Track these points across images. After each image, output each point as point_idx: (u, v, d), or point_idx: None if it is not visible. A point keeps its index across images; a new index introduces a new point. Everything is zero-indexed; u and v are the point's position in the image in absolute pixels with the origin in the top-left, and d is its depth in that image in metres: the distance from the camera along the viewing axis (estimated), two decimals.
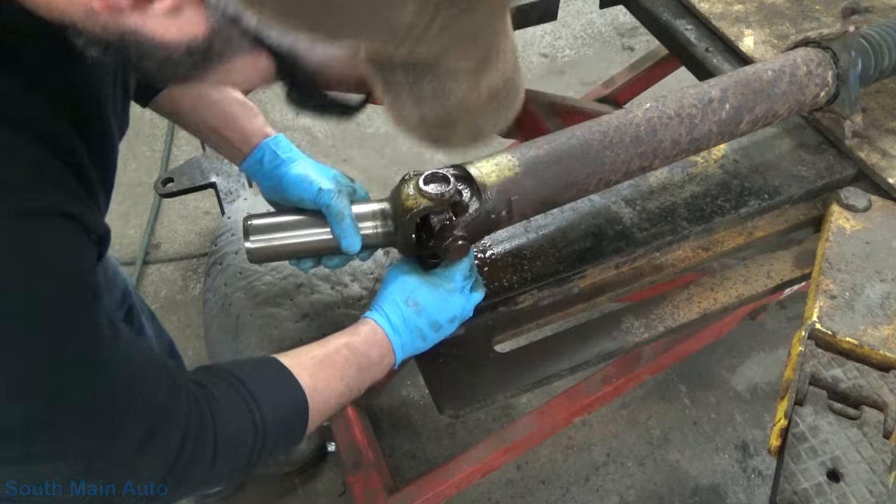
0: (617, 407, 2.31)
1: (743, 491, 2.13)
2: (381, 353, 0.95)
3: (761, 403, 2.32)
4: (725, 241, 1.29)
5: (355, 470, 1.83)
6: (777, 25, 1.59)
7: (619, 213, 1.22)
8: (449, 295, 0.99)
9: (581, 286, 1.20)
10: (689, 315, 1.21)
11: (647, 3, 1.71)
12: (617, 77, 2.46)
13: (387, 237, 0.99)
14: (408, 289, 0.98)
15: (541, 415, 1.85)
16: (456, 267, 1.00)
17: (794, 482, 0.90)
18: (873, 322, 1.06)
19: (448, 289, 0.99)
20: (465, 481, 1.81)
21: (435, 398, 1.07)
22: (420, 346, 0.99)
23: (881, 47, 1.26)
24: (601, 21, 3.87)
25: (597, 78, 3.43)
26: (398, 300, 0.97)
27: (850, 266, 1.13)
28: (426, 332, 0.98)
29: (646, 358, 1.94)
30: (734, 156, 1.33)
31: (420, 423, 2.26)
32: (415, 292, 0.97)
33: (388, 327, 0.96)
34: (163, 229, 2.82)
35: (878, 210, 1.23)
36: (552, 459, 2.18)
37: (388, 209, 0.98)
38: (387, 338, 0.95)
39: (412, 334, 0.97)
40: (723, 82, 1.15)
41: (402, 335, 0.96)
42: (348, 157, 3.13)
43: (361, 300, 1.08)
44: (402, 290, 0.98)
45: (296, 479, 2.12)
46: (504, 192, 0.99)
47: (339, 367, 0.90)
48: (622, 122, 1.08)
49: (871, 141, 1.33)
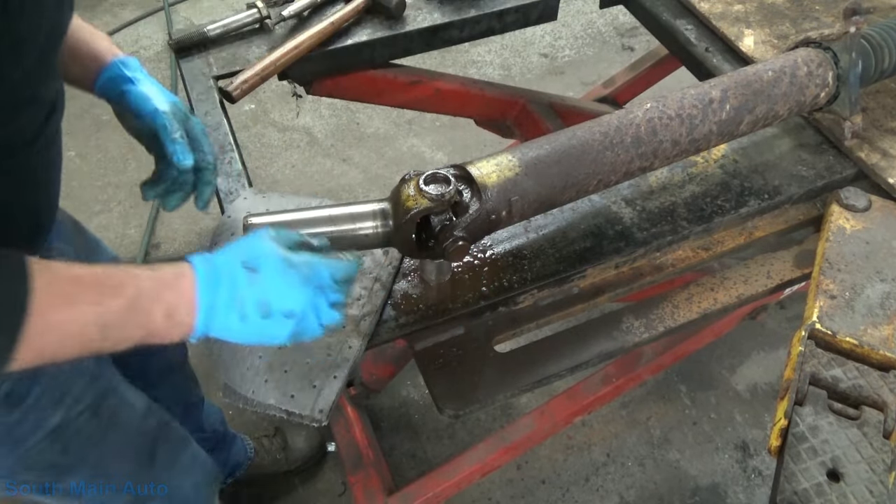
0: (617, 407, 2.31)
1: (743, 491, 2.13)
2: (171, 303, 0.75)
3: (761, 403, 2.33)
4: (725, 241, 1.29)
5: (355, 470, 1.83)
6: (777, 25, 1.59)
7: (619, 212, 1.22)
8: (299, 283, 0.80)
9: (581, 286, 1.20)
10: (689, 315, 1.21)
11: (647, 3, 1.72)
12: (617, 77, 2.46)
13: (387, 237, 0.99)
14: (255, 251, 0.80)
15: (541, 415, 1.85)
16: (330, 261, 0.84)
17: (794, 482, 0.90)
18: (873, 322, 1.06)
19: (303, 275, 0.80)
20: (465, 481, 1.81)
21: (435, 398, 1.07)
22: (234, 325, 0.78)
23: (882, 48, 1.26)
24: (601, 21, 3.87)
25: (597, 78, 3.43)
26: (236, 257, 0.79)
27: (850, 266, 1.13)
28: (248, 311, 0.77)
29: (646, 358, 1.94)
30: (734, 156, 1.33)
31: (420, 423, 2.26)
32: (261, 258, 0.79)
33: (202, 277, 0.76)
34: (163, 229, 2.82)
35: (877, 210, 1.23)
36: (552, 459, 2.19)
37: (388, 209, 0.98)
38: (194, 290, 0.75)
39: (231, 303, 0.77)
40: (723, 83, 1.15)
41: (216, 296, 0.76)
42: (348, 157, 3.13)
43: (360, 299, 1.08)
44: (248, 249, 0.80)
45: (295, 478, 2.12)
46: (504, 193, 0.99)
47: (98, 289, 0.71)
48: (622, 123, 1.08)
49: (871, 141, 1.33)
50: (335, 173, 3.06)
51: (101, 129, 3.14)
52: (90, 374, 1.09)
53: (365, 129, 3.26)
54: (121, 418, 1.18)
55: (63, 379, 1.02)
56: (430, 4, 1.63)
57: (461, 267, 1.14)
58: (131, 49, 3.55)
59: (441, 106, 1.94)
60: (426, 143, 3.20)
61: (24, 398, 0.97)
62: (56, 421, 1.03)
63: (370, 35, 1.54)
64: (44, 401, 0.99)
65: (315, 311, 0.82)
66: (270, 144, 3.18)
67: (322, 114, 3.33)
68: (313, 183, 3.02)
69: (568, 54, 3.68)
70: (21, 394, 0.96)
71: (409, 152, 3.15)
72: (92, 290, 0.71)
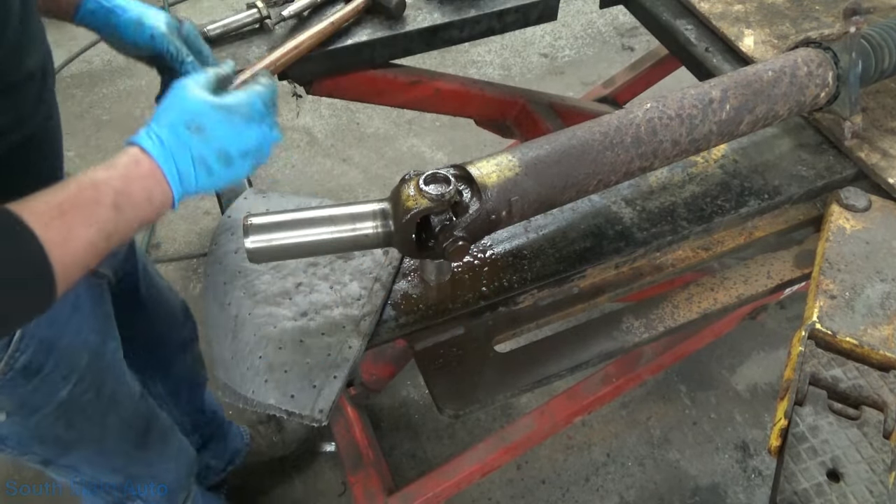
0: (617, 407, 2.31)
1: (743, 491, 2.13)
2: (146, 188, 0.79)
3: (761, 403, 2.33)
4: (725, 241, 1.29)
5: (355, 470, 1.83)
6: (777, 25, 1.59)
7: (619, 212, 1.22)
8: (244, 123, 0.85)
9: (581, 286, 1.20)
10: (689, 315, 1.21)
11: (647, 3, 1.72)
12: (617, 77, 2.46)
13: (387, 237, 0.99)
14: (192, 110, 0.83)
15: (541, 415, 1.85)
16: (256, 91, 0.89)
17: (794, 482, 0.90)
18: (873, 322, 1.06)
19: (244, 115, 0.85)
20: (465, 481, 1.81)
21: (435, 398, 1.07)
22: (204, 181, 0.84)
23: (882, 48, 1.26)
24: (601, 21, 3.87)
25: (597, 78, 3.43)
26: (178, 122, 0.82)
27: (850, 266, 1.13)
28: (212, 165, 0.83)
29: (646, 358, 1.94)
30: (734, 156, 1.33)
31: (420, 423, 2.26)
32: (201, 115, 0.83)
33: (159, 155, 0.80)
34: (163, 229, 2.82)
35: (877, 210, 1.23)
36: (552, 459, 2.19)
37: (388, 209, 0.98)
38: (157, 168, 0.80)
39: (194, 165, 0.82)
40: (723, 83, 1.15)
41: (179, 165, 0.81)
42: (348, 157, 3.13)
43: (360, 299, 1.08)
44: (184, 110, 0.83)
45: (295, 479, 2.13)
46: (504, 193, 0.99)
47: (84, 209, 0.75)
48: (622, 123, 1.08)
49: (871, 141, 1.33)
50: (335, 173, 3.07)
51: (101, 129, 3.14)
52: (95, 350, 1.16)
53: (365, 129, 3.26)
54: (119, 400, 1.25)
55: (70, 353, 1.09)
56: (430, 4, 1.62)
57: (461, 267, 1.14)
58: None
59: (441, 106, 1.94)
60: (426, 143, 3.20)
61: (39, 371, 1.04)
62: (64, 395, 1.10)
63: (370, 35, 1.54)
64: (55, 375, 1.07)
65: (265, 140, 0.90)
66: None
67: (322, 114, 3.33)
68: (313, 183, 3.02)
69: (568, 54, 3.68)
70: (37, 366, 1.03)
71: (409, 152, 3.16)
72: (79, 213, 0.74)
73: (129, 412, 1.29)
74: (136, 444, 1.34)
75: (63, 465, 1.26)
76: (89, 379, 1.15)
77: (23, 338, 0.99)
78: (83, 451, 1.25)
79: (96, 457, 1.29)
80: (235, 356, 1.02)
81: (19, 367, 1.01)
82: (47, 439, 1.16)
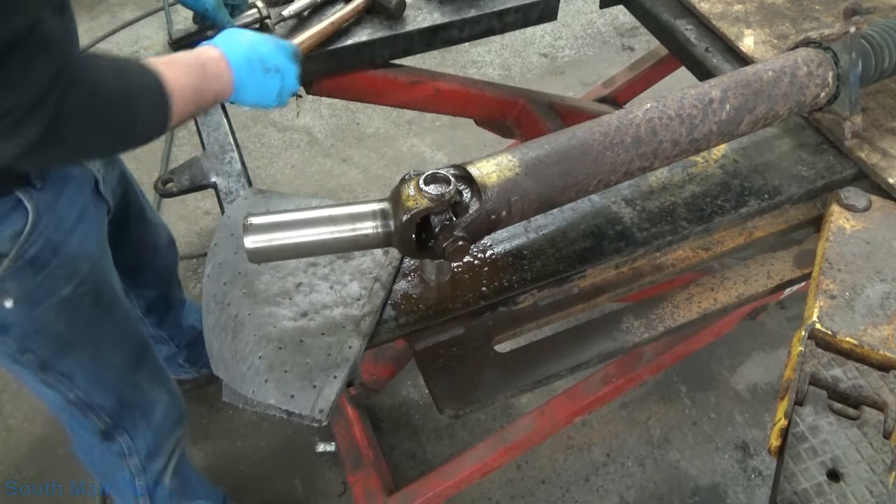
0: (617, 407, 2.31)
1: (743, 491, 2.13)
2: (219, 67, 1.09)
3: (761, 403, 2.33)
4: (725, 241, 1.29)
5: (355, 470, 1.83)
6: (777, 25, 1.59)
7: (619, 212, 1.22)
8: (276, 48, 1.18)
9: (581, 286, 1.20)
10: (689, 315, 1.21)
11: (647, 3, 1.72)
12: (617, 77, 2.46)
13: (387, 237, 0.99)
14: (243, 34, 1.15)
15: (541, 415, 1.85)
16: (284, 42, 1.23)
17: (794, 482, 0.90)
18: (873, 322, 1.06)
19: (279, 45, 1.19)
20: (465, 481, 1.81)
21: (435, 398, 1.07)
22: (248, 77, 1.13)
23: (882, 48, 1.26)
24: (601, 21, 3.87)
25: (597, 78, 3.43)
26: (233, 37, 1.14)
27: (850, 266, 1.13)
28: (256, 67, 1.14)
29: (646, 358, 1.94)
30: (734, 156, 1.33)
31: (420, 423, 2.26)
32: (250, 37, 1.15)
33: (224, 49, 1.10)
34: None
35: (878, 210, 1.23)
36: (552, 459, 2.19)
37: (388, 209, 0.98)
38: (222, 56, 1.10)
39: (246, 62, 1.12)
40: (723, 83, 1.15)
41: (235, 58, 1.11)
42: (348, 157, 3.13)
43: (360, 299, 1.08)
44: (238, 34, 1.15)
45: (296, 479, 2.13)
46: (504, 193, 0.99)
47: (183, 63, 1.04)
48: (622, 123, 1.08)
49: (871, 141, 1.33)
50: (335, 173, 3.07)
51: None
52: (95, 261, 1.28)
53: (365, 129, 3.26)
54: (115, 313, 1.37)
55: (73, 258, 1.22)
56: (430, 4, 1.63)
57: (461, 267, 1.14)
58: (131, 49, 3.56)
59: (441, 106, 1.94)
60: (426, 143, 3.20)
61: (45, 266, 1.17)
62: (65, 293, 1.22)
63: (370, 35, 1.54)
64: (58, 272, 1.19)
65: (290, 71, 1.20)
66: (270, 144, 3.19)
67: (322, 114, 3.33)
68: (313, 183, 3.02)
69: (568, 54, 3.68)
70: (43, 262, 1.16)
71: (409, 152, 3.16)
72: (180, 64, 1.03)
73: (123, 328, 1.41)
74: (130, 362, 1.44)
75: (60, 373, 1.32)
76: (89, 284, 1.26)
77: (32, 232, 1.12)
78: (80, 356, 1.33)
79: (91, 365, 1.36)
80: (235, 356, 1.02)
81: (28, 258, 1.13)
82: (47, 334, 1.25)
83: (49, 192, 1.14)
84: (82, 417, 1.43)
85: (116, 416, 1.46)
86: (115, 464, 1.55)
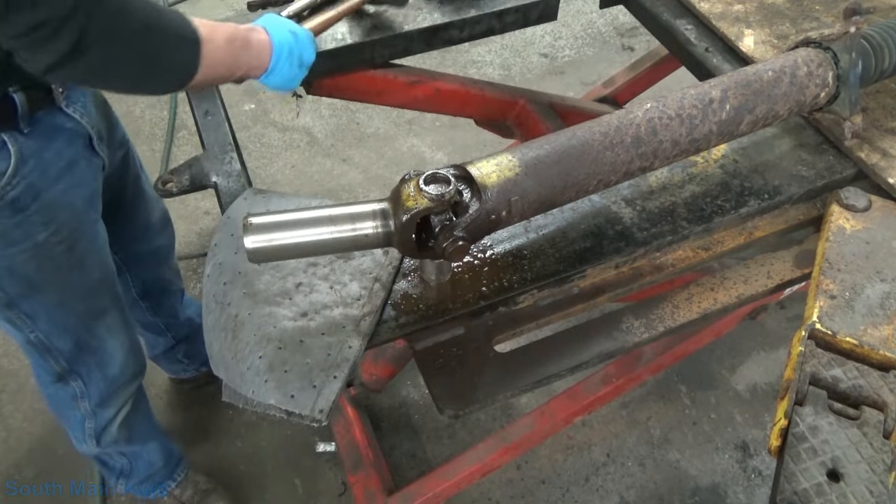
0: (617, 407, 2.31)
1: (743, 491, 2.13)
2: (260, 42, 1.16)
3: (761, 403, 2.33)
4: (725, 241, 1.29)
5: (355, 470, 1.83)
6: (777, 25, 1.59)
7: (619, 212, 1.22)
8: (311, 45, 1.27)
9: (581, 286, 1.20)
10: (689, 315, 1.21)
11: (647, 3, 1.72)
12: (617, 77, 2.46)
13: (387, 237, 0.99)
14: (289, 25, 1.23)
15: (541, 415, 1.85)
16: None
17: (794, 482, 0.90)
18: (873, 322, 1.06)
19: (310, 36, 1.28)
20: (465, 481, 1.81)
21: (435, 398, 1.07)
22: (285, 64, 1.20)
23: (882, 48, 1.26)
24: (601, 21, 3.87)
25: (597, 78, 3.43)
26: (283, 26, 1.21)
27: (850, 266, 1.13)
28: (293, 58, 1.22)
29: (646, 358, 1.94)
30: (734, 156, 1.33)
31: (420, 423, 2.26)
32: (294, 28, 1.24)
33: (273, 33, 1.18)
34: None
35: (878, 210, 1.23)
36: (552, 459, 2.19)
37: (388, 209, 0.98)
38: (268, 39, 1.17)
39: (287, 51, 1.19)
40: (723, 83, 1.15)
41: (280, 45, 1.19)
42: (348, 157, 3.13)
43: (360, 299, 1.08)
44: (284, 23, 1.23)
45: (296, 479, 2.13)
46: (504, 193, 0.99)
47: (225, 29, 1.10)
48: (622, 123, 1.08)
49: (871, 141, 1.33)
50: (335, 173, 3.07)
51: None
52: (77, 213, 1.31)
53: (365, 129, 3.26)
54: (87, 265, 1.41)
55: (53, 206, 1.25)
56: (430, 4, 1.62)
57: (461, 267, 1.14)
58: None
59: (441, 106, 1.94)
60: (426, 143, 3.20)
61: (24, 210, 1.21)
62: (40, 239, 1.26)
63: (370, 35, 1.54)
64: (37, 217, 1.24)
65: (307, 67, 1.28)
66: (270, 144, 3.19)
67: (322, 114, 3.33)
68: (313, 183, 3.02)
69: (568, 54, 3.68)
70: (22, 205, 1.20)
71: (409, 152, 3.16)
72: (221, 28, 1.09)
73: (94, 279, 1.44)
74: (93, 312, 1.49)
75: (24, 313, 1.38)
76: (65, 233, 1.30)
77: (15, 175, 1.16)
78: (45, 298, 1.38)
79: (55, 310, 1.41)
80: (235, 356, 1.02)
81: (8, 200, 1.18)
82: (17, 274, 1.30)
83: (37, 139, 1.18)
84: (40, 358, 1.50)
85: (72, 362, 1.52)
86: (68, 404, 1.63)
